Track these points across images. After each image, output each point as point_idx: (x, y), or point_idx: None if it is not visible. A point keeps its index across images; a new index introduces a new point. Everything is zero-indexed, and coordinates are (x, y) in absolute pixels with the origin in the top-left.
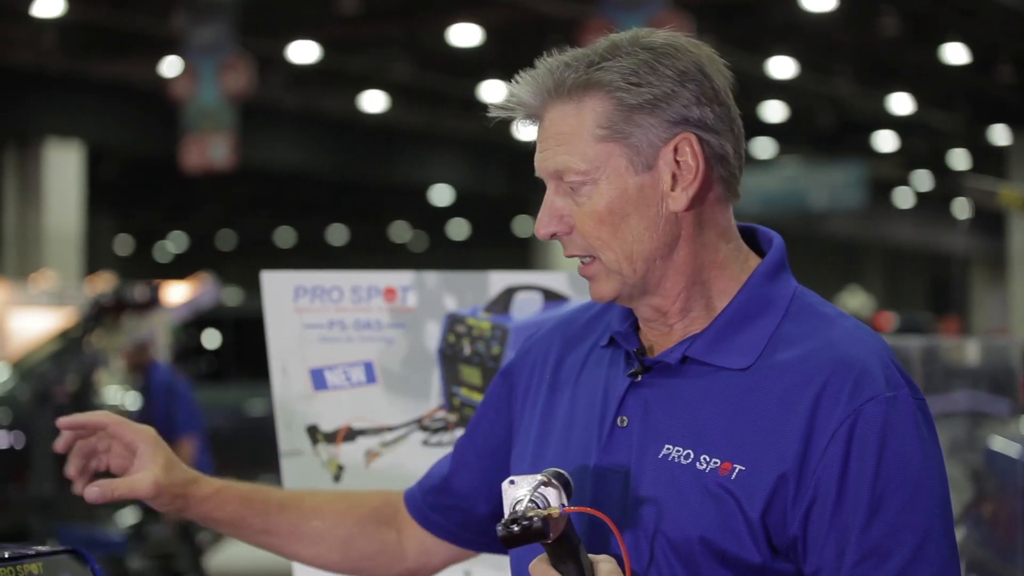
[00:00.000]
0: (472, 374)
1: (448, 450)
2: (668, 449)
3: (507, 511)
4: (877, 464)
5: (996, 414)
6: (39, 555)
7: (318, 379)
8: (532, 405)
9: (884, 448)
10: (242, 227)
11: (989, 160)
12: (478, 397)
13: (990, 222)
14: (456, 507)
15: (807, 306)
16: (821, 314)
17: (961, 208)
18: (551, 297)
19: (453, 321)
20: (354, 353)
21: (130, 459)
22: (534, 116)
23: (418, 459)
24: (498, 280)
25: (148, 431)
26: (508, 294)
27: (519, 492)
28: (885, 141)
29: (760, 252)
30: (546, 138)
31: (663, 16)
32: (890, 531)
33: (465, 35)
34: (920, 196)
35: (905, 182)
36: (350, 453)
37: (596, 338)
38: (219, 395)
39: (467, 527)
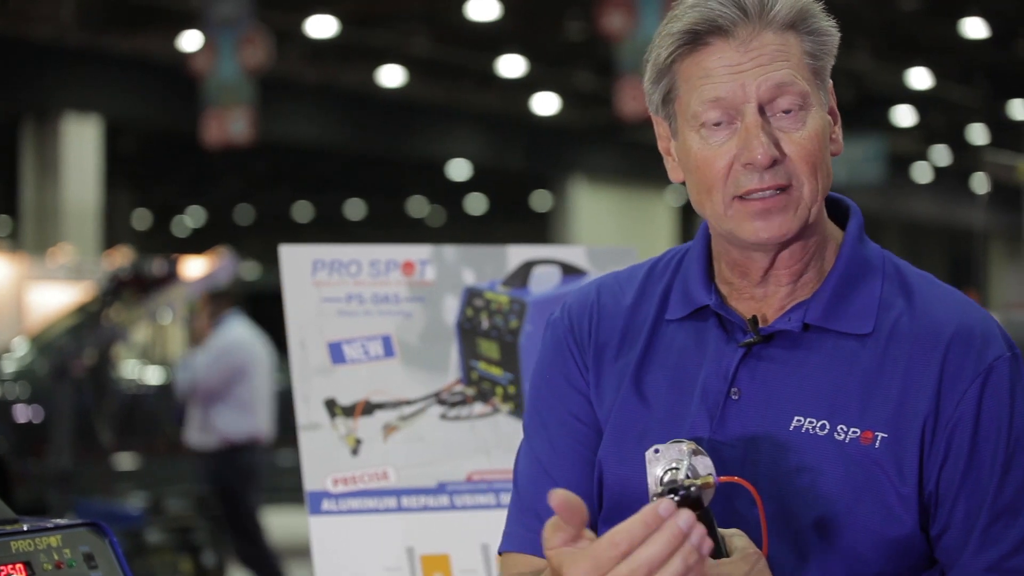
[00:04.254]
0: (490, 348)
1: (465, 424)
2: (799, 420)
3: (651, 481)
4: (1010, 422)
5: None
6: (58, 528)
7: (336, 353)
8: (609, 387)
9: (1013, 405)
10: (260, 202)
11: (1008, 135)
12: (496, 371)
13: (1009, 197)
14: None
15: (899, 268)
16: (916, 274)
17: (980, 183)
18: (569, 271)
19: (471, 295)
20: (372, 327)
21: None
22: (731, 37)
23: (436, 433)
24: (516, 254)
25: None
26: (526, 268)
27: (666, 462)
28: (904, 116)
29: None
30: (760, 55)
31: None
32: (1021, 488)
33: (483, 9)
34: (939, 171)
35: (924, 157)
36: (368, 427)
37: (655, 312)
38: None
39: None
